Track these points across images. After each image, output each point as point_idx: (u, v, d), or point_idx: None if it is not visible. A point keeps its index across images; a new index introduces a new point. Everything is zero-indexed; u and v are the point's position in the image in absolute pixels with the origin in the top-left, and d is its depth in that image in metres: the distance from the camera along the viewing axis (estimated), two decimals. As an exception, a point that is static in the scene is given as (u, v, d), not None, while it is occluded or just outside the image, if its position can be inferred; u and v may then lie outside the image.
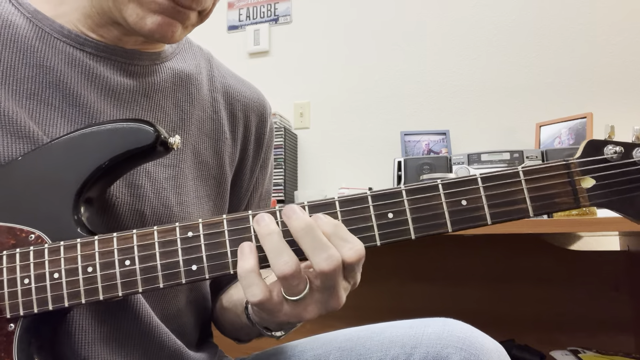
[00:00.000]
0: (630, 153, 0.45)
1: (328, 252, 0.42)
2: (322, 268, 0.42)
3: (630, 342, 1.57)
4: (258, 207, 0.75)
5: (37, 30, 0.57)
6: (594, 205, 0.46)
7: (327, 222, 0.44)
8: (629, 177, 0.45)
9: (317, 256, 0.42)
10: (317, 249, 0.43)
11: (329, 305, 0.45)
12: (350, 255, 0.43)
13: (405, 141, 1.96)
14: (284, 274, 0.43)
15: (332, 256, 0.42)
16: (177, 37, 0.56)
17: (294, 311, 0.45)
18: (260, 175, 0.74)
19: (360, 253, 0.43)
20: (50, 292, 0.48)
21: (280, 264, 0.43)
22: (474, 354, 0.51)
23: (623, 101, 1.79)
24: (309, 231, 0.43)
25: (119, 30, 0.58)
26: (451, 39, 2.02)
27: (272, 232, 0.44)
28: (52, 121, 0.56)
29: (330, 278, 0.43)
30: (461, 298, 1.73)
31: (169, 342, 0.60)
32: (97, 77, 0.58)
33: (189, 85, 0.65)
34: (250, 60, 2.28)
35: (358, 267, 0.45)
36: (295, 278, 0.43)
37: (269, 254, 0.44)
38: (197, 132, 0.65)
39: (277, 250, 0.43)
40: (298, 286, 0.44)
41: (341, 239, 0.43)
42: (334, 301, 0.45)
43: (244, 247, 0.45)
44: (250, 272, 0.44)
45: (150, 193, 0.59)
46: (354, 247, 0.43)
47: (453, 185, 0.46)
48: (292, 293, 0.44)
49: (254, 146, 0.72)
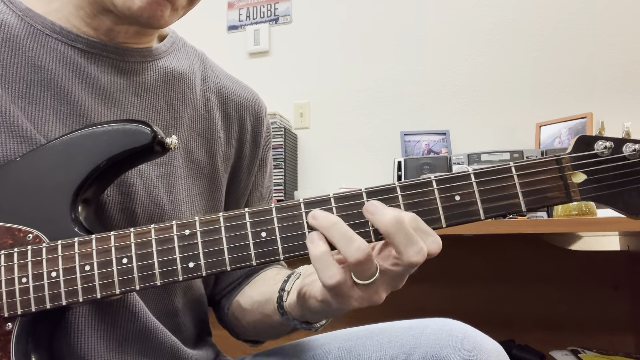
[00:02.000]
0: (620, 148, 0.46)
1: (419, 245, 0.44)
2: (413, 260, 0.44)
3: (630, 342, 1.57)
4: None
5: (29, 28, 0.57)
6: (585, 200, 0.46)
7: (410, 215, 0.45)
8: (619, 171, 0.46)
9: (410, 249, 0.43)
10: (410, 243, 0.44)
11: (396, 286, 0.47)
12: (433, 247, 0.45)
13: (405, 141, 1.96)
14: (358, 259, 0.43)
15: (422, 249, 0.44)
16: (166, 18, 0.56)
17: (365, 294, 0.46)
18: (258, 175, 0.74)
19: (440, 245, 0.45)
20: (48, 290, 0.48)
21: (353, 250, 0.43)
22: (473, 354, 0.51)
23: (623, 101, 1.79)
24: (401, 226, 0.44)
25: (111, 20, 0.58)
26: (451, 38, 2.02)
27: (336, 221, 0.45)
28: (44, 119, 0.56)
29: (414, 268, 0.45)
30: (461, 298, 1.73)
31: (166, 340, 0.60)
32: (88, 76, 0.58)
33: (181, 84, 0.66)
34: (250, 61, 2.28)
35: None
36: (369, 262, 0.44)
37: (340, 243, 0.44)
38: (189, 130, 0.65)
39: (347, 238, 0.44)
40: (370, 270, 0.44)
41: (424, 232, 0.45)
42: (401, 282, 0.47)
43: (313, 235, 0.45)
44: (325, 253, 0.44)
45: (141, 191, 0.59)
46: (435, 239, 0.45)
47: (446, 180, 0.46)
48: (364, 277, 0.45)
49: (251, 145, 0.72)
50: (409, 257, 0.44)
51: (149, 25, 0.57)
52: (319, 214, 0.46)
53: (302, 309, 0.52)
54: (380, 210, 0.45)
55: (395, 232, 0.44)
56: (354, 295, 0.45)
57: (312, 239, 0.45)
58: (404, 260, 0.44)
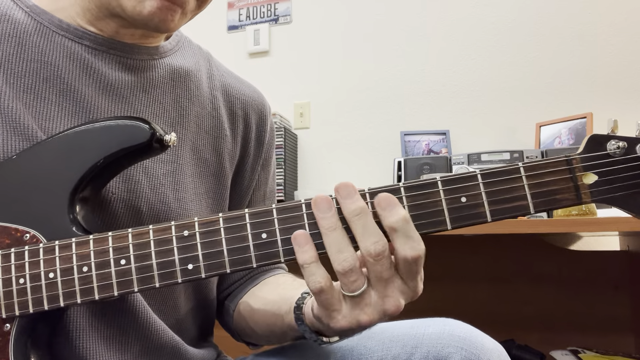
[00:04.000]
0: (633, 148, 0.44)
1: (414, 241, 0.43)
2: (407, 255, 0.43)
3: (630, 342, 1.57)
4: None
5: (36, 24, 0.57)
6: (597, 202, 0.44)
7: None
8: (632, 172, 0.44)
9: (406, 244, 0.43)
10: (410, 239, 0.43)
11: (385, 307, 0.44)
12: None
13: (405, 141, 1.95)
14: (345, 268, 0.43)
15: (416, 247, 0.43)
16: (176, 22, 0.56)
17: (353, 312, 0.45)
18: (262, 174, 0.74)
19: (419, 250, 0.44)
20: (46, 291, 0.48)
21: (341, 260, 0.43)
22: (474, 354, 0.51)
23: (623, 101, 1.79)
24: (404, 223, 0.43)
25: (117, 23, 0.58)
26: (451, 39, 2.02)
27: (336, 227, 0.44)
28: (49, 115, 0.56)
29: (410, 272, 0.44)
30: (461, 298, 1.72)
31: (167, 338, 0.60)
32: (95, 72, 0.58)
33: (188, 82, 0.65)
34: (250, 61, 2.28)
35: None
36: (354, 273, 0.43)
37: (330, 249, 0.44)
38: (196, 128, 0.65)
39: (339, 247, 0.44)
40: (356, 282, 0.44)
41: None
42: (391, 301, 0.44)
43: (300, 238, 0.45)
44: (312, 258, 0.44)
45: (147, 189, 0.58)
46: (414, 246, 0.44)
47: (452, 181, 0.45)
48: (350, 289, 0.44)
49: (255, 144, 0.72)
50: (404, 251, 0.43)
51: (157, 29, 0.57)
52: (325, 210, 0.45)
53: (317, 317, 0.51)
54: (393, 208, 0.44)
55: (401, 227, 0.43)
56: (342, 310, 0.45)
57: (299, 242, 0.45)
58: (400, 256, 0.43)
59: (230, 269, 0.46)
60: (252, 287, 0.70)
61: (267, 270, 0.72)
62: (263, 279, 0.71)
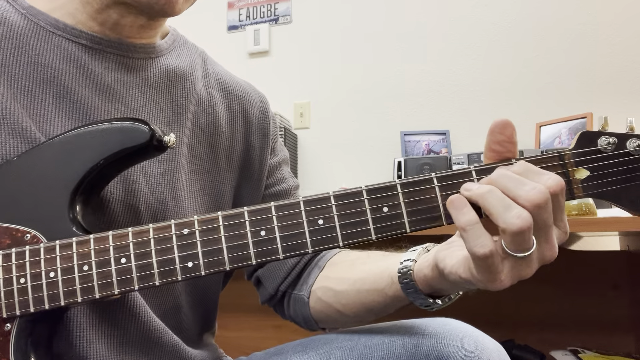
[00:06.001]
0: (624, 144, 0.46)
1: (531, 185, 0.42)
2: (555, 189, 0.42)
3: (630, 342, 1.57)
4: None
5: (33, 25, 0.58)
6: (589, 197, 0.46)
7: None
8: (622, 167, 0.45)
9: (549, 179, 0.42)
10: (543, 175, 0.42)
11: (545, 255, 0.43)
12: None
13: (405, 141, 1.95)
14: (520, 227, 0.40)
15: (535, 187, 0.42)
16: (180, 5, 0.56)
17: (516, 269, 0.43)
18: (273, 164, 0.74)
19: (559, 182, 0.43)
20: (47, 291, 0.48)
21: (514, 217, 0.40)
22: (474, 353, 0.51)
23: (623, 101, 1.79)
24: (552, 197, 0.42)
25: (119, 12, 0.58)
26: (451, 39, 2.02)
27: (491, 188, 0.42)
28: (47, 117, 0.56)
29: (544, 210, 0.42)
30: (461, 298, 1.72)
31: (167, 339, 0.60)
32: (92, 72, 0.58)
33: (183, 81, 0.66)
34: (250, 61, 2.28)
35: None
36: (530, 231, 0.41)
37: (496, 209, 0.41)
38: (192, 126, 0.66)
39: (505, 204, 0.41)
40: (529, 241, 0.41)
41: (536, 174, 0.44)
42: (550, 251, 0.43)
43: (457, 202, 0.43)
44: (474, 221, 0.42)
45: (144, 188, 0.59)
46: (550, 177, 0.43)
47: (448, 177, 0.46)
48: (521, 249, 0.41)
49: (259, 137, 0.73)
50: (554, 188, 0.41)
51: (162, 13, 0.57)
52: (472, 184, 0.44)
53: (436, 281, 0.51)
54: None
55: (544, 206, 0.41)
56: (504, 270, 0.42)
57: (457, 205, 0.43)
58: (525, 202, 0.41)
59: (230, 267, 0.46)
60: (319, 272, 0.68)
61: (323, 254, 0.70)
62: (325, 261, 0.69)
